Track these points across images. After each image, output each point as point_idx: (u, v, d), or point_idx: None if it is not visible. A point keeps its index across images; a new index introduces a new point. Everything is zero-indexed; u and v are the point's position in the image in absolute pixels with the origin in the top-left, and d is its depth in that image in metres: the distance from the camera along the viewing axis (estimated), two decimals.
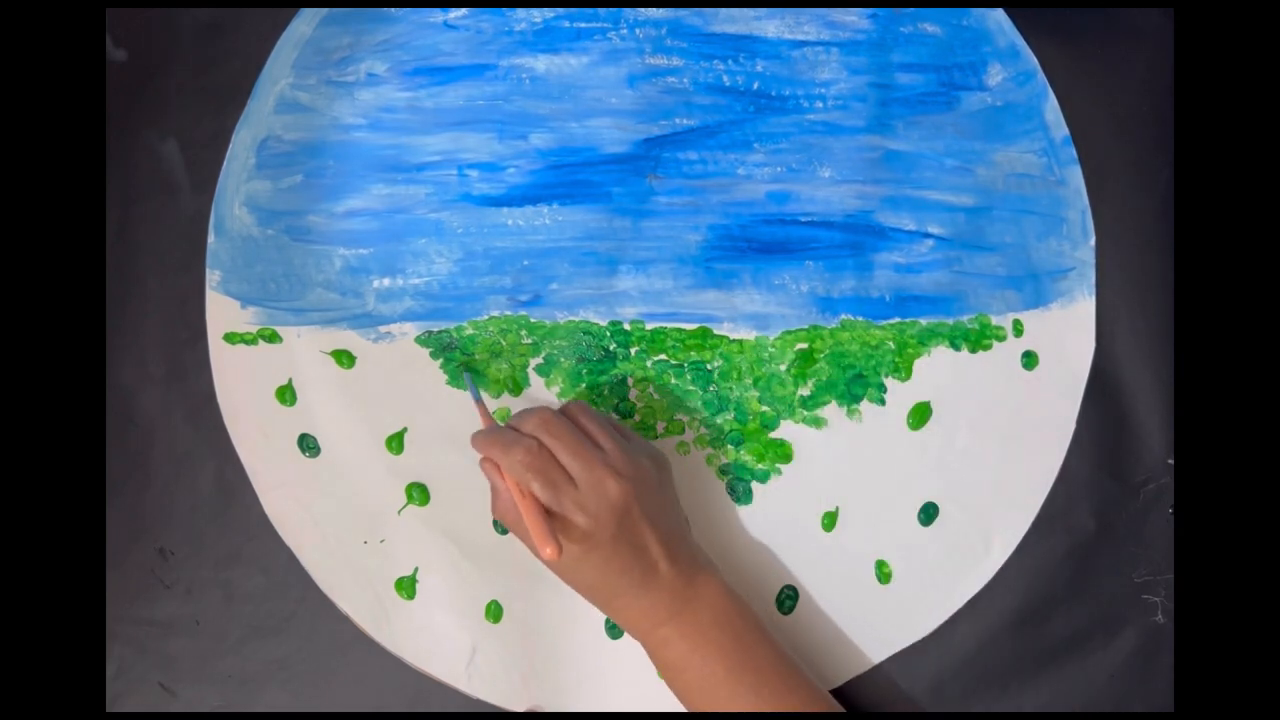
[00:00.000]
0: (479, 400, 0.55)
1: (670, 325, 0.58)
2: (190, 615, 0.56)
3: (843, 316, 0.58)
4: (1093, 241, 0.58)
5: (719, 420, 0.58)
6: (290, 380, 0.57)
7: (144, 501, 0.56)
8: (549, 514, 0.49)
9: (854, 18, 0.58)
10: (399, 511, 0.57)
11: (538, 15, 0.57)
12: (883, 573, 0.57)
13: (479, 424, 0.54)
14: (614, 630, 0.57)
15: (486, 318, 0.57)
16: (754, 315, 0.58)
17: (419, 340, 0.57)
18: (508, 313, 0.57)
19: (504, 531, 0.57)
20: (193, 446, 0.57)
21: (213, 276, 0.57)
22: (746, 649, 0.51)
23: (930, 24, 0.58)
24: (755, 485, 0.57)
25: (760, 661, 0.51)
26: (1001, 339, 0.58)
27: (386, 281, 0.57)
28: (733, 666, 0.50)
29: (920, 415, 0.57)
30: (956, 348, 0.58)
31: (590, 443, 0.51)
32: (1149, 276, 0.57)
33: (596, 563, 0.50)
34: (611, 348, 0.58)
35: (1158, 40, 0.58)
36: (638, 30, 0.58)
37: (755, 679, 0.50)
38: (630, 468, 0.50)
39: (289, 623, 0.56)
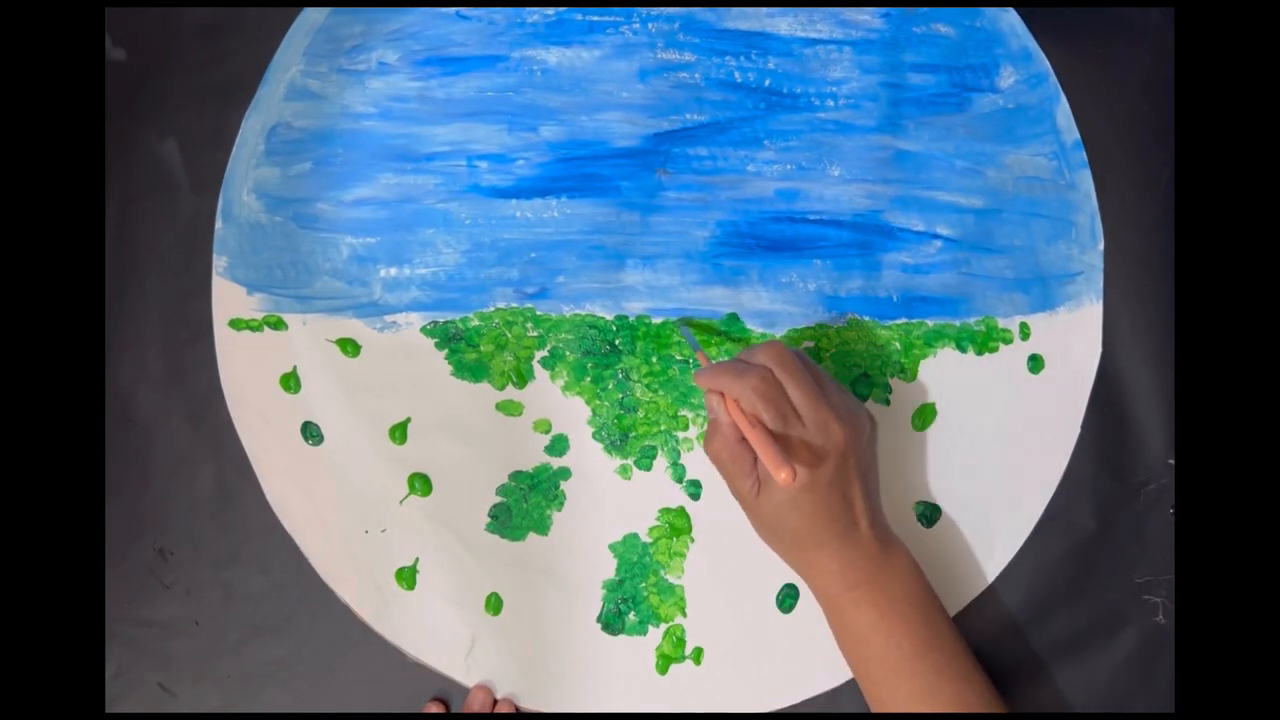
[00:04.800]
0: (697, 347, 0.55)
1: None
2: (190, 615, 0.56)
3: (849, 316, 0.58)
4: (1101, 246, 0.58)
5: None
6: (295, 368, 0.57)
7: (144, 501, 0.56)
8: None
9: (866, 17, 0.58)
10: (401, 501, 0.57)
11: (550, 8, 0.57)
12: None
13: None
14: (611, 625, 0.57)
15: (492, 309, 0.57)
16: (761, 312, 0.58)
17: (424, 330, 0.57)
18: (514, 305, 0.57)
19: (496, 530, 0.57)
20: (193, 446, 0.57)
21: (219, 262, 0.57)
22: (933, 628, 0.51)
23: (943, 25, 0.58)
24: None
25: (944, 644, 0.50)
26: (1008, 342, 0.58)
27: (393, 271, 0.57)
28: (919, 644, 0.50)
29: (925, 416, 0.57)
30: (963, 349, 0.58)
31: (817, 385, 0.50)
32: (1150, 275, 0.57)
33: (807, 507, 0.49)
34: (617, 342, 0.58)
35: (1158, 40, 0.58)
36: (650, 25, 0.58)
37: (939, 660, 0.50)
38: (852, 415, 0.50)
39: (289, 623, 0.56)
